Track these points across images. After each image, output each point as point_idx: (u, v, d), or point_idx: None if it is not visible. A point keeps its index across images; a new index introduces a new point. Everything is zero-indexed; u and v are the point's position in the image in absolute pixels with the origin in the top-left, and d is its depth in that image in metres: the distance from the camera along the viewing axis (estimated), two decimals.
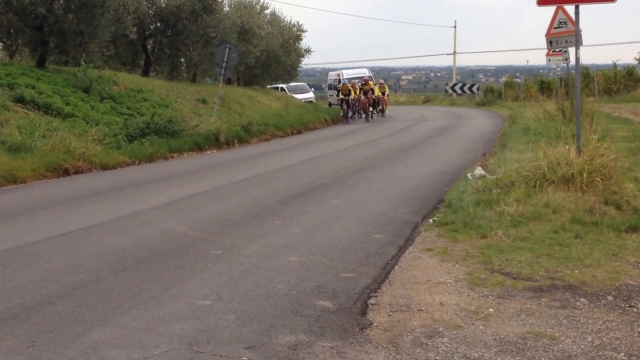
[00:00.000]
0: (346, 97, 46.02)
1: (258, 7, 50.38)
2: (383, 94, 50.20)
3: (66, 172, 20.45)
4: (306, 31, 54.81)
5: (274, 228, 12.40)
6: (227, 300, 8.25)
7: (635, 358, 6.61)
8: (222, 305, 8.06)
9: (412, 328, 7.38)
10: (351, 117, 46.30)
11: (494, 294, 8.36)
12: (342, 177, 18.72)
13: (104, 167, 21.88)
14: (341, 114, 46.02)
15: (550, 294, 8.29)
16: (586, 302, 8.03)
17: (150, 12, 40.16)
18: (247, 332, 7.27)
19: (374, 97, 48.52)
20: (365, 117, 46.25)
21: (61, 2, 30.96)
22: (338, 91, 48.35)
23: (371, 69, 66.45)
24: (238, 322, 7.52)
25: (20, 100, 25.25)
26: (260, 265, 9.82)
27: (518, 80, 70.78)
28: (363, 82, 48.53)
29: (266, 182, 18.33)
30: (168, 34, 41.24)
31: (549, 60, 33.69)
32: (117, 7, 33.05)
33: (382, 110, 50.08)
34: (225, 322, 7.54)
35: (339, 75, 60.28)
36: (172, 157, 25.25)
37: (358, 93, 46.64)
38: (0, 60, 33.80)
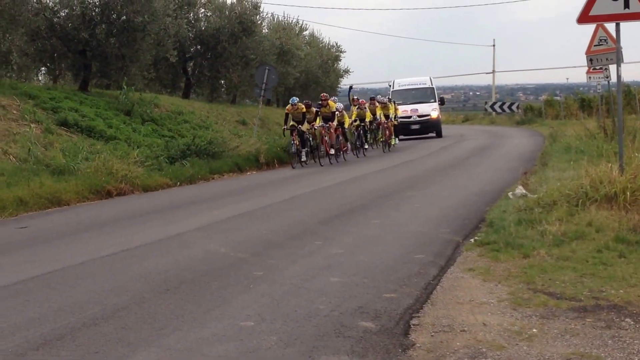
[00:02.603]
0: (362, 123, 35.76)
1: (297, 28, 50.63)
2: (387, 117, 38.41)
3: (109, 194, 20.60)
4: (345, 51, 55.11)
5: (315, 249, 12.37)
6: (270, 321, 8.24)
7: None
8: (265, 326, 8.04)
9: (455, 349, 7.32)
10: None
11: (537, 314, 8.28)
12: (382, 197, 18.67)
13: (146, 189, 22.01)
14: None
15: (594, 314, 8.19)
16: (632, 322, 7.92)
17: (190, 35, 40.43)
18: (290, 354, 7.25)
19: (336, 124, 32.45)
20: (308, 158, 31.24)
21: (103, 26, 31.29)
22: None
23: None
24: (281, 343, 7.50)
25: (64, 123, 25.49)
26: (302, 286, 9.80)
27: (558, 98, 70.36)
28: (319, 103, 32.59)
29: (306, 203, 18.33)
30: (208, 57, 41.48)
31: (590, 77, 33.48)
32: (158, 31, 33.31)
33: (386, 142, 37.94)
34: (268, 343, 7.52)
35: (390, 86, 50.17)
36: (213, 179, 25.36)
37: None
38: (44, 85, 34.20)
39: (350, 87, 45.87)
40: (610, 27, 19.85)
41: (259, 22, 43.15)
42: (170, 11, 35.05)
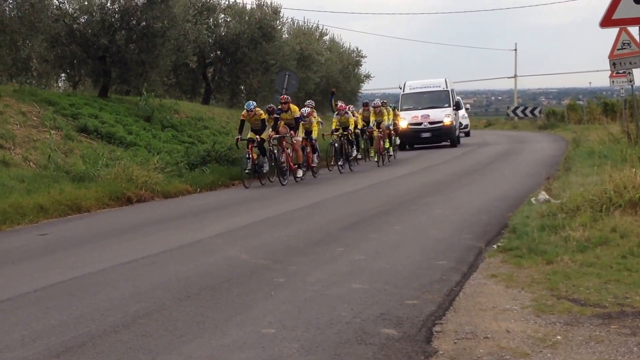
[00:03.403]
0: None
1: (317, 33, 50.64)
2: (378, 125, 33.20)
3: (129, 201, 20.66)
4: (365, 56, 55.07)
5: (337, 255, 12.36)
6: (291, 328, 8.23)
7: None
8: (286, 334, 8.04)
9: (479, 356, 7.30)
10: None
11: (561, 321, 8.24)
12: (403, 203, 18.64)
13: (166, 196, 22.07)
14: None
15: (619, 321, 8.14)
16: None
17: (210, 40, 40.53)
18: None
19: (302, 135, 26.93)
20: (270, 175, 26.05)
21: (123, 32, 31.42)
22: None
23: None
24: (302, 351, 7.49)
25: (83, 130, 25.59)
26: (323, 293, 9.79)
27: (581, 102, 70.09)
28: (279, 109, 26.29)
29: (327, 209, 18.33)
30: (228, 62, 41.57)
31: (613, 82, 33.33)
32: (178, 37, 33.42)
33: (380, 155, 33.24)
34: (289, 350, 7.51)
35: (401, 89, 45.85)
36: (233, 185, 25.38)
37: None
38: (64, 91, 34.36)
39: (332, 92, 40.40)
40: (634, 30, 19.78)
41: (279, 27, 43.19)
42: (190, 17, 35.16)
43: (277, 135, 25.41)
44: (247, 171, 24.51)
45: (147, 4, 31.49)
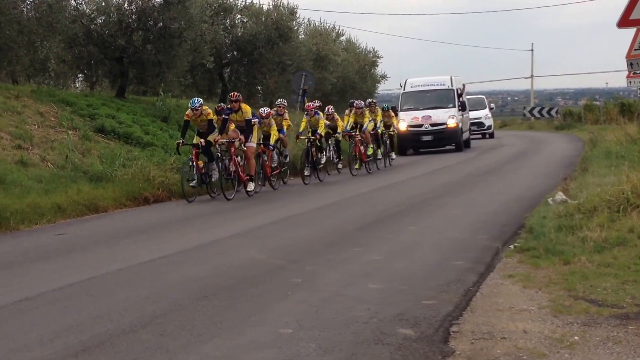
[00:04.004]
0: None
1: (334, 34, 50.60)
2: (356, 128, 29.37)
3: (146, 201, 20.69)
4: (382, 57, 54.87)
5: (353, 255, 12.37)
6: (308, 328, 8.24)
7: None
8: (303, 334, 8.04)
9: (496, 356, 7.29)
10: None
11: (579, 322, 8.22)
12: (419, 203, 18.64)
13: (183, 196, 22.07)
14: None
15: (637, 322, 8.11)
16: None
17: (226, 41, 40.53)
18: None
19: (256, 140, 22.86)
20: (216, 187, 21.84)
21: (140, 33, 31.45)
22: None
23: None
24: (319, 351, 7.49)
25: (101, 130, 25.64)
26: (340, 293, 9.79)
27: (598, 102, 69.80)
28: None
29: (343, 209, 18.35)
30: (244, 63, 41.57)
31: (630, 82, 33.17)
32: (195, 37, 33.44)
33: (359, 161, 29.01)
34: (306, 350, 7.52)
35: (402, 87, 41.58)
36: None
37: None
38: (81, 92, 34.44)
39: (304, 91, 37.07)
40: None
41: (296, 27, 43.15)
42: (206, 17, 35.18)
43: (224, 140, 21.66)
44: (191, 184, 20.99)
45: (164, 4, 31.51)
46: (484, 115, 50.95)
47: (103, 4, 31.87)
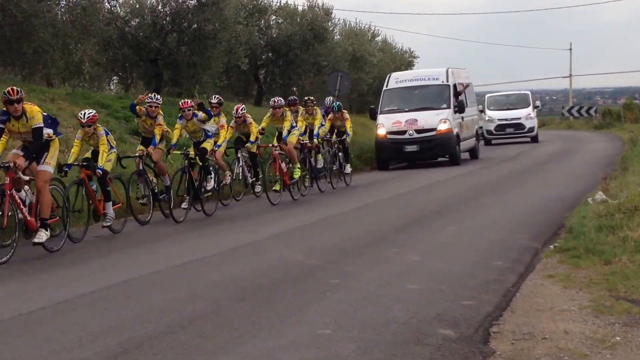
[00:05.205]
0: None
1: (369, 34, 50.63)
2: (280, 138, 21.50)
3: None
4: (418, 57, 54.91)
5: (391, 255, 12.39)
6: (347, 328, 8.27)
7: None
8: (342, 334, 8.07)
9: (537, 357, 7.29)
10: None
11: (620, 322, 8.20)
12: (456, 204, 18.61)
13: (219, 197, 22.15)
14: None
15: None
16: None
17: (261, 42, 40.71)
18: None
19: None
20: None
21: (174, 35, 31.71)
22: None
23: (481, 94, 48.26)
24: (359, 351, 7.53)
25: (136, 132, 25.74)
26: (378, 293, 9.82)
27: (637, 101, 69.26)
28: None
29: (379, 210, 18.36)
30: (280, 64, 41.70)
31: None
32: (229, 39, 33.62)
33: (284, 184, 20.25)
34: (346, 351, 7.55)
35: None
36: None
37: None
38: (116, 94, 34.68)
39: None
40: None
41: (331, 28, 43.28)
42: (241, 19, 35.36)
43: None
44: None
45: (198, 6, 31.77)
46: (524, 115, 43.87)
47: (137, 6, 32.18)
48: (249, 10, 38.77)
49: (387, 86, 32.88)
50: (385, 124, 30.71)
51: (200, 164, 18.68)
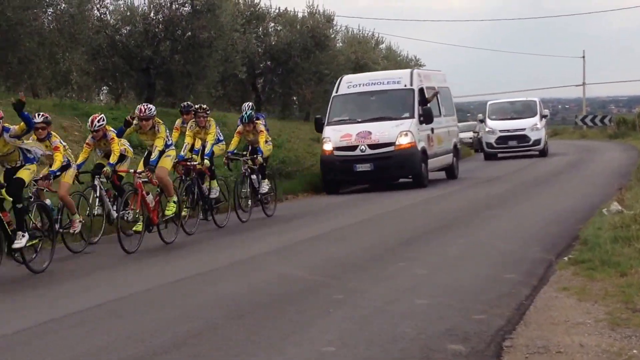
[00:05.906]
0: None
1: (373, 41, 50.60)
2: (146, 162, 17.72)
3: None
4: (424, 65, 54.81)
5: (398, 270, 12.36)
6: (352, 346, 8.23)
7: None
8: (347, 352, 8.03)
9: None
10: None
11: (637, 335, 8.18)
12: (466, 215, 18.59)
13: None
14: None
15: None
16: None
17: (259, 50, 40.68)
18: None
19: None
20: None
21: (167, 43, 31.70)
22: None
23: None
24: None
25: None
26: (385, 309, 9.78)
27: None
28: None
29: (386, 223, 18.34)
30: (279, 73, 41.70)
31: None
32: (225, 47, 33.55)
33: (149, 223, 16.31)
34: None
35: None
36: (287, 199, 25.38)
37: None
38: (106, 104, 34.68)
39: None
40: None
41: (333, 35, 43.23)
42: (238, 26, 35.30)
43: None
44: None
45: (192, 13, 31.72)
46: (530, 125, 39.50)
47: (128, 13, 32.12)
48: (247, 17, 38.73)
49: (337, 91, 28.45)
50: (333, 137, 26.53)
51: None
